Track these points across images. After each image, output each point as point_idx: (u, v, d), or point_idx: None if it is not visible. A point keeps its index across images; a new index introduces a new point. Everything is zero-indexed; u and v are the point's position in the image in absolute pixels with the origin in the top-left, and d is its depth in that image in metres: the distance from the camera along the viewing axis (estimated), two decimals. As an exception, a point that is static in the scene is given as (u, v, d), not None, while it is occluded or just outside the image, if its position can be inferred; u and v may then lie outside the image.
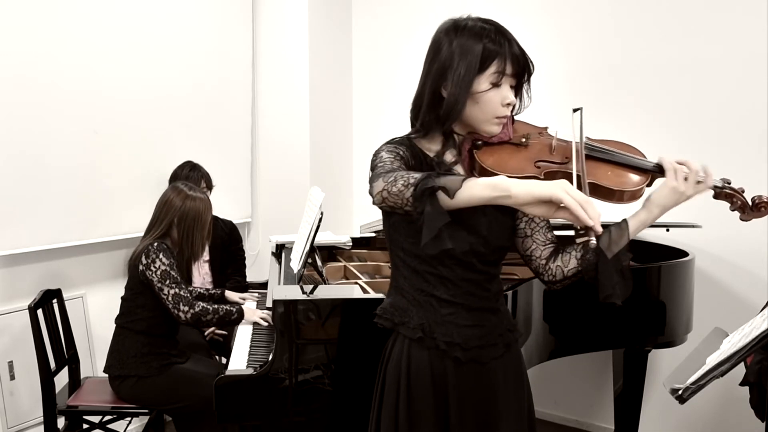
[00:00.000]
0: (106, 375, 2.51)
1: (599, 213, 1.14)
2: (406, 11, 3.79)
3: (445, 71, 1.35)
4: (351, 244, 2.91)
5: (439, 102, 1.38)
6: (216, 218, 3.27)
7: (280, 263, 2.72)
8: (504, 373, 1.47)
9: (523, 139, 1.42)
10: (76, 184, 2.91)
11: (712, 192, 1.42)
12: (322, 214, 2.26)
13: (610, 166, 1.41)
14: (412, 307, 1.43)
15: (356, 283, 2.29)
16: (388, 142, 1.42)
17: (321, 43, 3.84)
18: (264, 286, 2.95)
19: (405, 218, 1.31)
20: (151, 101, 3.23)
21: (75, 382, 2.66)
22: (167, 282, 2.37)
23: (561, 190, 1.13)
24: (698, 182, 1.35)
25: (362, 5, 4.01)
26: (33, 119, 2.73)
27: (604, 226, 1.49)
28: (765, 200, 1.40)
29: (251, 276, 3.44)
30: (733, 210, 1.44)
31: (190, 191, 2.51)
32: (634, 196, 1.38)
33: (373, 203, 1.28)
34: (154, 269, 2.37)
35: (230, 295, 2.80)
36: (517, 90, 1.39)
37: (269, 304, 1.95)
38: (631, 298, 1.33)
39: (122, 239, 3.12)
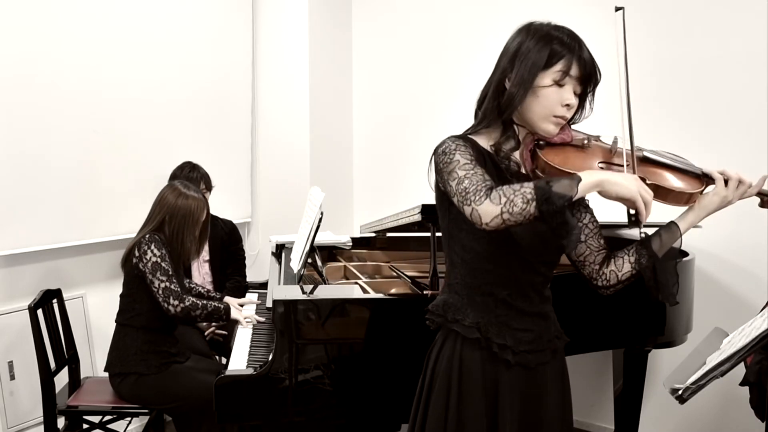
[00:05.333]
0: (107, 374, 2.51)
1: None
2: (406, 11, 3.78)
3: (512, 63, 1.38)
4: (351, 244, 2.91)
5: (501, 92, 1.40)
6: (216, 218, 3.27)
7: (280, 263, 2.72)
8: (550, 379, 1.47)
9: (585, 141, 1.45)
10: (76, 184, 2.91)
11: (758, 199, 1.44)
12: (322, 214, 2.26)
13: (669, 170, 1.43)
14: (467, 306, 1.43)
15: (356, 283, 2.30)
16: (451, 139, 1.40)
17: (321, 43, 3.84)
18: (264, 286, 2.95)
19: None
20: (151, 101, 3.23)
21: (75, 382, 2.66)
22: (158, 274, 2.36)
23: (637, 194, 1.24)
24: (738, 186, 1.38)
25: (362, 5, 4.01)
26: (33, 119, 2.73)
27: (651, 225, 1.50)
28: None
29: (251, 276, 3.44)
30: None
31: (185, 189, 2.50)
32: (692, 198, 1.41)
33: (487, 227, 1.23)
34: (145, 261, 2.37)
35: (230, 300, 2.69)
36: (581, 98, 1.41)
37: (269, 304, 1.95)
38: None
39: (122, 239, 3.10)
